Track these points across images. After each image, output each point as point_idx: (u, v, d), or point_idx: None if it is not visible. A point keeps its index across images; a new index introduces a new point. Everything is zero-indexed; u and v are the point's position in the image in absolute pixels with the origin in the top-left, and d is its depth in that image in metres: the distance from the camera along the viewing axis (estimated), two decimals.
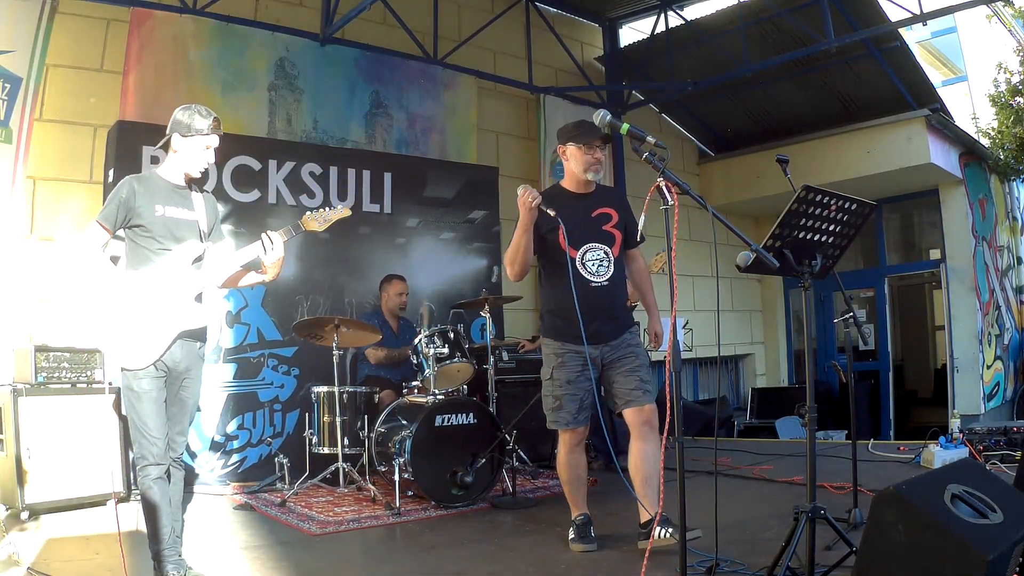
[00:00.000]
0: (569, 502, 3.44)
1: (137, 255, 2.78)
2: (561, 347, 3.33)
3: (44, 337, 4.71)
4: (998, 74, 9.25)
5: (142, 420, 2.70)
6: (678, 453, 2.32)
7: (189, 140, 2.80)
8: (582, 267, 3.34)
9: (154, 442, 2.72)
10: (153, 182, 2.82)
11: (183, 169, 2.85)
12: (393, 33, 6.58)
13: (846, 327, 3.79)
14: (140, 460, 2.71)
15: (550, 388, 3.36)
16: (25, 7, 4.75)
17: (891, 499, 2.03)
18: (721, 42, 7.69)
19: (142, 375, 2.70)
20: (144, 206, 2.74)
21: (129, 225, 2.76)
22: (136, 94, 5.15)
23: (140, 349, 2.71)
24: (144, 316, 2.72)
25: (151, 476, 2.70)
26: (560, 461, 3.44)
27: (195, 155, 2.82)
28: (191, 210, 2.86)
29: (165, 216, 2.77)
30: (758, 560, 2.84)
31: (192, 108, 2.84)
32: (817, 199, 2.57)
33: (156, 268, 2.76)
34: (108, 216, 2.73)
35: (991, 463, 4.60)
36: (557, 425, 3.36)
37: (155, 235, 2.75)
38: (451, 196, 6.53)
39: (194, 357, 2.87)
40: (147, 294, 2.74)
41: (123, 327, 2.71)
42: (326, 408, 4.75)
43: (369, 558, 3.45)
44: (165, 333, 2.75)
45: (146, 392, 2.70)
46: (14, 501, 3.94)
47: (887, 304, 9.60)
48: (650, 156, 2.44)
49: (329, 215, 3.04)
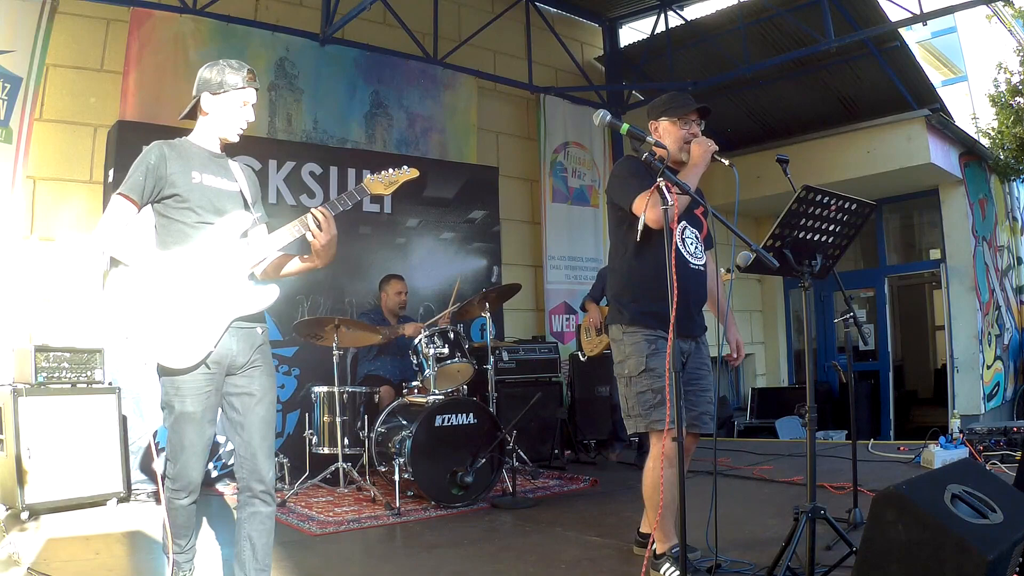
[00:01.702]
0: (659, 532, 2.80)
1: (171, 232, 2.33)
2: (653, 334, 2.84)
3: (44, 337, 4.71)
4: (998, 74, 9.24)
5: (179, 443, 2.28)
6: (678, 453, 2.32)
7: (221, 98, 2.39)
8: (681, 244, 2.91)
9: (189, 470, 2.29)
10: (186, 148, 2.41)
11: (218, 133, 2.43)
12: (393, 33, 6.58)
13: (846, 327, 3.79)
14: (172, 481, 2.31)
15: (647, 381, 2.80)
16: (25, 7, 4.75)
17: (891, 499, 2.03)
18: (721, 42, 7.69)
19: (187, 387, 2.25)
20: (177, 173, 2.31)
21: (160, 197, 2.31)
22: (136, 94, 5.15)
23: (185, 344, 2.24)
24: (186, 303, 2.26)
25: (180, 503, 2.33)
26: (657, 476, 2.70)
27: (230, 114, 2.40)
28: (231, 180, 2.45)
29: (203, 184, 2.35)
30: (758, 560, 2.84)
31: (220, 62, 2.43)
32: (817, 199, 2.57)
33: (197, 245, 2.32)
34: (134, 186, 2.27)
35: (991, 463, 4.60)
36: (660, 425, 2.75)
37: (193, 206, 2.32)
38: (451, 196, 6.53)
39: (256, 344, 2.39)
40: (188, 276, 2.28)
41: (160, 318, 2.24)
42: (326, 408, 4.75)
43: (369, 558, 3.45)
44: (215, 321, 2.28)
45: (187, 414, 2.26)
46: (14, 501, 3.94)
47: (887, 304, 9.60)
48: (650, 156, 2.44)
49: (394, 176, 2.63)
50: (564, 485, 4.91)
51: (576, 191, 7.80)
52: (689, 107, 2.93)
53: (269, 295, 2.41)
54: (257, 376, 2.38)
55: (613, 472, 5.47)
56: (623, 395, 2.93)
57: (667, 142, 2.90)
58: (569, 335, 7.38)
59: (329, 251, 2.46)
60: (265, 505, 2.34)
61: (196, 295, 2.27)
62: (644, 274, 2.87)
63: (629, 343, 2.89)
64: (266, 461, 2.34)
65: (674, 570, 2.78)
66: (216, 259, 2.32)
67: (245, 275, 2.38)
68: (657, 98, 3.06)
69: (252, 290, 2.39)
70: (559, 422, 5.79)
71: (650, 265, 2.83)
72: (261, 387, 2.38)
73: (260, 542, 2.32)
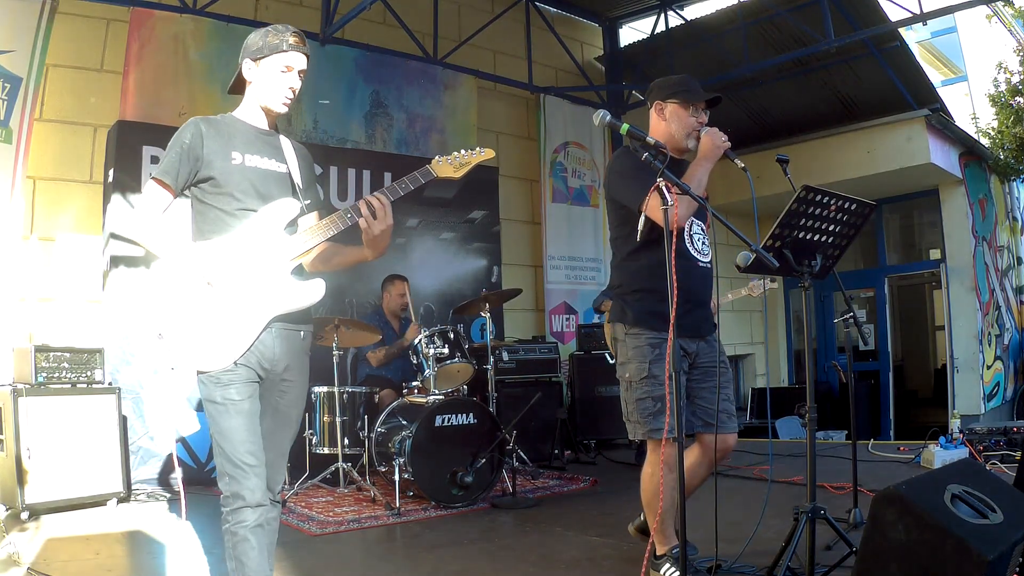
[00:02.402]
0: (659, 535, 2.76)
1: (208, 220, 2.10)
2: (657, 336, 2.73)
3: (44, 337, 4.71)
4: (998, 74, 9.24)
5: (231, 443, 2.00)
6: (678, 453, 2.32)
7: (264, 63, 2.15)
8: (689, 241, 2.81)
9: (251, 473, 2.00)
10: (228, 125, 2.17)
11: (261, 103, 2.19)
12: (393, 33, 6.58)
13: (846, 327, 3.79)
14: (231, 500, 2.00)
15: (648, 388, 2.71)
16: (25, 7, 4.75)
17: (891, 499, 2.03)
18: (721, 42, 7.69)
19: (227, 376, 2.02)
20: (215, 153, 2.08)
21: (196, 181, 2.09)
22: (136, 94, 5.15)
23: (219, 343, 2.03)
24: (222, 299, 2.04)
25: (247, 524, 1.98)
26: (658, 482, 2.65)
27: (274, 82, 2.15)
28: (280, 160, 2.21)
29: (245, 166, 2.12)
30: (758, 560, 2.84)
31: (266, 27, 2.21)
32: (817, 199, 2.57)
33: (237, 235, 2.09)
34: (168, 169, 2.05)
35: (991, 463, 4.60)
36: (659, 434, 2.65)
37: (232, 191, 2.09)
38: (451, 196, 6.53)
39: (296, 351, 2.19)
40: (224, 270, 2.05)
41: (192, 316, 2.03)
42: (326, 408, 4.75)
43: (369, 558, 3.45)
44: (253, 320, 2.07)
45: (234, 402, 2.01)
46: (14, 501, 3.94)
47: (887, 304, 9.60)
48: (650, 156, 2.43)
49: (466, 158, 2.33)
50: (564, 485, 4.91)
51: (576, 191, 7.80)
52: (701, 96, 2.84)
53: (314, 292, 2.15)
54: (292, 391, 2.19)
55: (613, 472, 5.47)
56: (623, 398, 2.85)
57: (673, 127, 2.84)
58: (569, 335, 7.38)
59: (383, 241, 2.19)
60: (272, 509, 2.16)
61: (232, 291, 2.05)
62: (650, 273, 2.73)
63: (632, 346, 2.79)
64: (277, 474, 2.17)
65: (674, 570, 2.74)
66: (256, 250, 2.09)
67: (288, 269, 2.14)
68: (662, 78, 2.90)
69: (295, 286, 2.14)
70: (559, 422, 5.78)
71: (656, 263, 2.66)
72: (294, 402, 2.20)
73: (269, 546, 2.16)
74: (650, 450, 2.80)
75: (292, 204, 2.17)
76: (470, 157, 2.33)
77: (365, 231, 2.17)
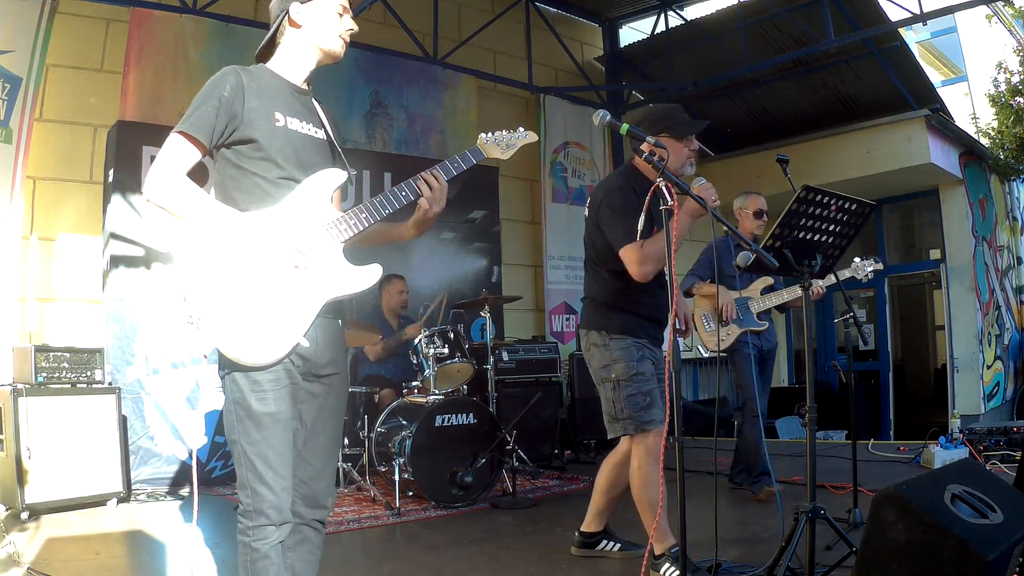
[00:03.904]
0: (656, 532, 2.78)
1: (244, 188, 1.81)
2: (639, 341, 2.95)
3: (44, 337, 4.72)
4: (998, 74, 9.24)
5: (262, 458, 1.73)
6: (678, 453, 2.32)
7: (316, 4, 1.90)
8: None
9: (278, 490, 1.73)
10: (265, 79, 1.88)
11: (319, 44, 1.92)
12: (393, 33, 6.58)
13: (846, 327, 3.79)
14: (254, 515, 1.73)
15: (637, 384, 2.88)
16: (25, 7, 4.75)
17: (891, 499, 2.03)
18: (721, 42, 7.69)
19: (267, 381, 1.74)
20: (257, 112, 1.80)
21: (231, 141, 1.80)
22: (136, 94, 5.15)
23: (265, 333, 1.73)
24: (270, 280, 1.77)
25: (269, 541, 1.72)
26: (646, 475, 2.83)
27: (329, 23, 1.91)
28: (318, 125, 1.96)
29: (288, 129, 1.85)
30: (758, 560, 2.84)
31: None
32: (817, 199, 2.58)
33: (281, 208, 1.82)
34: (201, 123, 1.75)
35: (991, 463, 4.60)
36: (652, 425, 2.83)
37: (275, 157, 1.81)
38: (451, 196, 6.42)
39: (338, 341, 1.94)
40: (273, 246, 1.78)
41: (233, 299, 1.72)
42: None
43: (369, 558, 3.45)
44: (305, 304, 1.80)
45: (271, 414, 1.74)
46: (14, 501, 3.94)
47: (887, 304, 9.60)
48: (649, 157, 2.44)
49: (513, 140, 2.19)
50: (564, 485, 4.91)
51: (576, 191, 7.80)
52: (692, 128, 2.96)
53: (370, 276, 1.91)
54: (336, 385, 1.93)
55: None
56: (609, 399, 2.95)
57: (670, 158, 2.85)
58: (569, 335, 7.39)
59: (431, 222, 2.04)
60: (316, 534, 1.91)
61: (282, 271, 1.78)
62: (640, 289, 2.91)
63: (617, 348, 2.94)
64: (328, 486, 1.92)
65: (674, 570, 2.79)
66: (308, 226, 1.83)
67: (340, 248, 1.90)
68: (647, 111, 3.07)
69: (349, 269, 1.89)
70: (559, 422, 5.78)
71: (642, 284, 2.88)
72: (338, 399, 1.95)
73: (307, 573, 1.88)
74: (634, 446, 2.90)
75: (338, 173, 1.92)
76: (517, 139, 2.21)
77: (421, 209, 1.97)
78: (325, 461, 1.92)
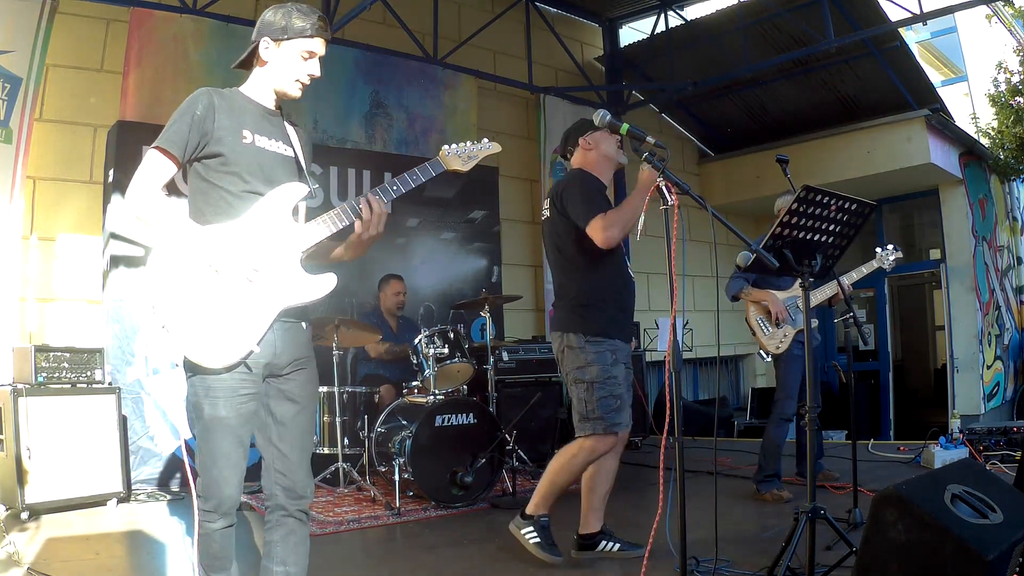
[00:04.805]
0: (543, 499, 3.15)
1: (211, 200, 1.97)
2: (615, 344, 3.05)
3: (44, 337, 4.72)
4: (998, 74, 9.25)
5: (212, 456, 1.93)
6: (678, 453, 2.32)
7: (285, 45, 2.04)
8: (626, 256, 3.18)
9: (224, 485, 1.94)
10: (237, 100, 2.06)
11: (275, 86, 2.09)
12: (393, 33, 6.58)
13: (846, 327, 3.79)
14: (203, 501, 1.96)
15: (610, 388, 3.01)
16: (25, 7, 4.75)
17: (891, 499, 2.03)
18: (721, 42, 7.69)
19: (220, 388, 1.91)
20: (226, 129, 1.97)
21: (201, 156, 1.96)
22: (136, 94, 5.15)
23: (223, 339, 1.89)
24: (230, 289, 1.92)
25: (214, 526, 1.96)
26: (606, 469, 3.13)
27: (292, 66, 2.05)
28: (287, 143, 2.12)
29: (255, 146, 2.01)
30: (758, 560, 2.84)
31: (288, 4, 2.08)
32: (817, 199, 2.58)
33: (243, 220, 1.97)
34: (176, 138, 1.92)
35: (991, 463, 4.60)
36: (619, 428, 3.01)
37: (240, 172, 1.97)
38: (451, 196, 6.54)
39: (301, 343, 2.08)
40: (233, 257, 1.93)
41: (197, 306, 1.89)
42: (326, 408, 4.75)
43: (369, 558, 3.45)
44: (261, 314, 1.95)
45: (220, 419, 1.92)
46: (14, 501, 3.94)
47: (887, 304, 9.60)
48: (650, 156, 2.44)
49: (474, 151, 2.30)
50: None
51: None
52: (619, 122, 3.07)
53: (325, 285, 2.05)
54: (302, 381, 2.08)
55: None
56: (582, 399, 3.05)
57: (603, 147, 3.18)
58: None
59: (367, 247, 2.15)
60: (301, 525, 2.08)
61: (241, 281, 1.93)
62: (610, 283, 3.05)
63: (593, 351, 3.03)
64: (306, 477, 2.07)
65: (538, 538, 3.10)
66: (266, 238, 1.97)
67: (298, 259, 2.03)
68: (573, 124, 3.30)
69: (305, 278, 2.03)
70: (559, 422, 5.77)
71: (614, 274, 3.06)
72: (305, 394, 2.09)
73: (295, 569, 2.06)
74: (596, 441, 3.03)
75: (299, 187, 2.07)
76: (478, 151, 2.31)
77: (355, 234, 2.10)
78: (300, 453, 2.07)
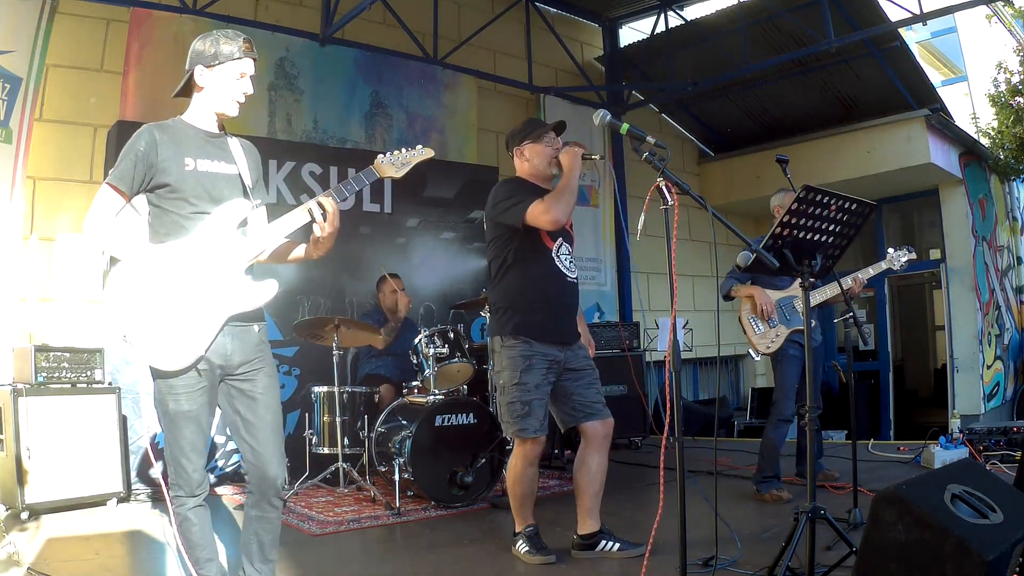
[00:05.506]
0: (517, 516, 3.25)
1: (164, 224, 2.21)
2: (530, 348, 3.09)
3: (44, 337, 4.71)
4: (998, 74, 9.25)
5: (178, 445, 2.19)
6: (678, 453, 2.32)
7: (217, 70, 2.24)
8: (558, 260, 3.20)
9: (190, 471, 2.20)
10: (178, 130, 2.26)
11: (214, 108, 2.28)
12: (393, 33, 6.58)
13: (846, 327, 3.79)
14: (174, 488, 2.22)
15: (517, 393, 3.09)
16: (25, 7, 4.75)
17: (891, 499, 2.03)
18: (721, 42, 7.69)
19: (180, 385, 2.16)
20: (169, 159, 2.18)
21: (151, 187, 2.19)
22: (136, 94, 5.15)
23: (177, 344, 2.13)
24: (179, 300, 2.15)
25: (187, 507, 2.21)
26: (517, 473, 3.18)
27: (227, 87, 2.26)
28: (230, 162, 2.31)
29: (197, 171, 2.21)
30: (758, 560, 2.84)
31: (215, 33, 2.28)
32: (817, 199, 2.58)
33: (192, 238, 2.20)
34: (123, 175, 2.15)
35: (991, 463, 4.60)
36: (525, 433, 3.10)
37: (187, 196, 2.19)
38: (451, 196, 6.54)
39: (251, 344, 2.29)
40: (181, 271, 2.16)
41: (152, 317, 2.13)
42: (326, 408, 4.75)
43: (369, 558, 3.45)
44: (209, 320, 2.18)
45: (184, 413, 2.17)
46: (14, 501, 3.94)
47: (887, 304, 9.59)
48: (650, 156, 2.44)
49: (407, 157, 2.45)
50: (564, 485, 4.90)
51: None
52: (546, 128, 3.26)
53: (266, 291, 2.27)
54: (258, 378, 2.29)
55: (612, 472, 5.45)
56: (498, 401, 3.20)
57: (536, 161, 3.26)
58: None
59: (329, 244, 2.32)
60: (273, 509, 2.32)
61: (189, 292, 2.16)
62: (522, 285, 3.13)
63: (507, 356, 3.13)
64: (276, 466, 2.28)
65: (527, 547, 3.18)
66: (211, 253, 2.19)
67: (242, 270, 2.25)
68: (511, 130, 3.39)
69: (249, 286, 2.25)
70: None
71: (528, 276, 3.14)
72: (264, 388, 2.30)
73: (267, 539, 2.34)
74: (516, 445, 3.19)
75: (243, 204, 2.28)
76: (411, 157, 2.46)
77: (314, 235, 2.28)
78: (270, 446, 2.28)
